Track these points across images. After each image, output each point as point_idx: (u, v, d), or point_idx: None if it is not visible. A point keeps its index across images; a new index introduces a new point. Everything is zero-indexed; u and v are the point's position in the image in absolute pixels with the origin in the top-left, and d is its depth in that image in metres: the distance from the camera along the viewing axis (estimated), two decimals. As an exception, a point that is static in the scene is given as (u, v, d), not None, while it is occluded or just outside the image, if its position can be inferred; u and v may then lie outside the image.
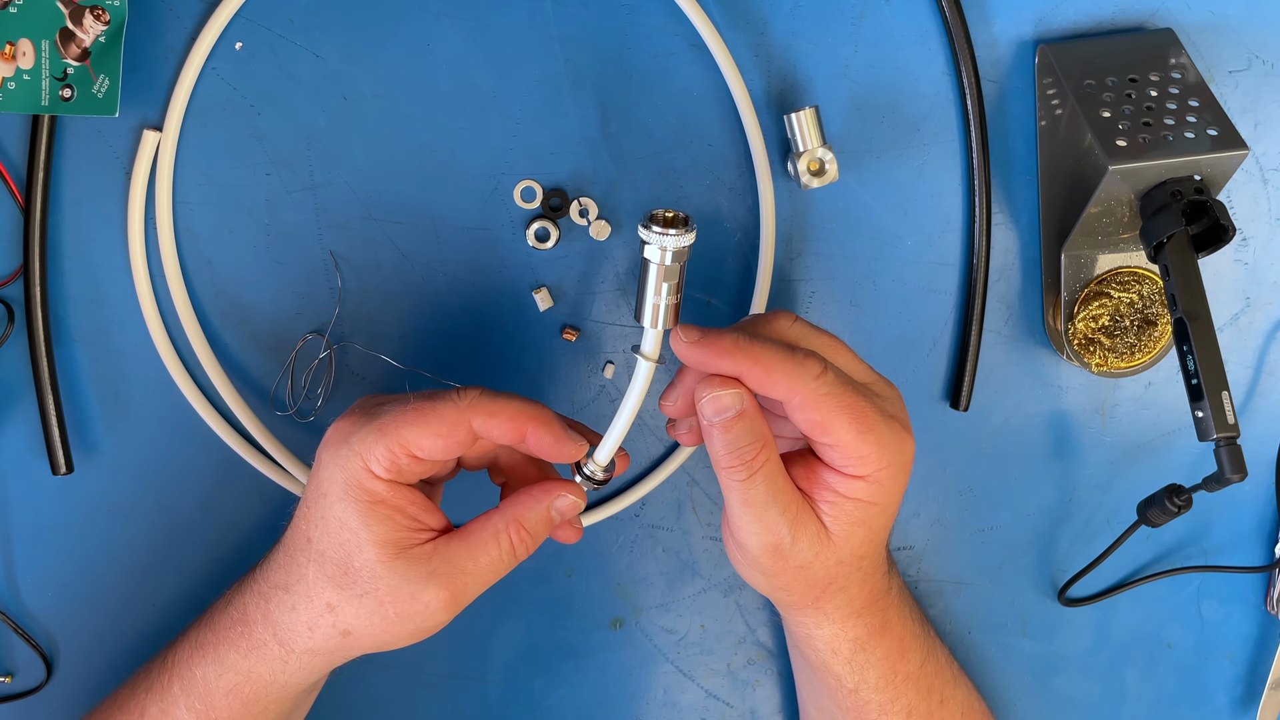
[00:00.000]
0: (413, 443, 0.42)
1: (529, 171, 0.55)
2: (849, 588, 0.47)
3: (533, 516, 0.45)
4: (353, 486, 0.42)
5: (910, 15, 0.56)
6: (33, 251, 0.51)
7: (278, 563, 0.45)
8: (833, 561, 0.45)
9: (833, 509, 0.44)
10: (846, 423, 0.42)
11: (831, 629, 0.48)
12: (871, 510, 0.44)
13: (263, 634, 0.45)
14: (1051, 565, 0.62)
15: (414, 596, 0.43)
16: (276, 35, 0.53)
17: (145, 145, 0.51)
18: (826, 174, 0.54)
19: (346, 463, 0.42)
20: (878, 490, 0.44)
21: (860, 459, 0.43)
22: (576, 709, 0.60)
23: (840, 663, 0.49)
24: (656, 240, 0.41)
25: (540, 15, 0.54)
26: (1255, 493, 0.62)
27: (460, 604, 0.44)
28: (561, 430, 0.44)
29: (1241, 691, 0.65)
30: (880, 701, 0.51)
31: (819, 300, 0.58)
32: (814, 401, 0.42)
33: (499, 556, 0.44)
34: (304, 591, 0.43)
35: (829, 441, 0.43)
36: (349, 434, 0.43)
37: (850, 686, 0.50)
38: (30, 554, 0.55)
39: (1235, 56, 0.58)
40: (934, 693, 0.52)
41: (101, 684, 0.56)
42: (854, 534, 0.44)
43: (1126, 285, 0.57)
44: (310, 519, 0.43)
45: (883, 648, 0.50)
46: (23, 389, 0.53)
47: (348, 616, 0.43)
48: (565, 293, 0.56)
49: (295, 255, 0.54)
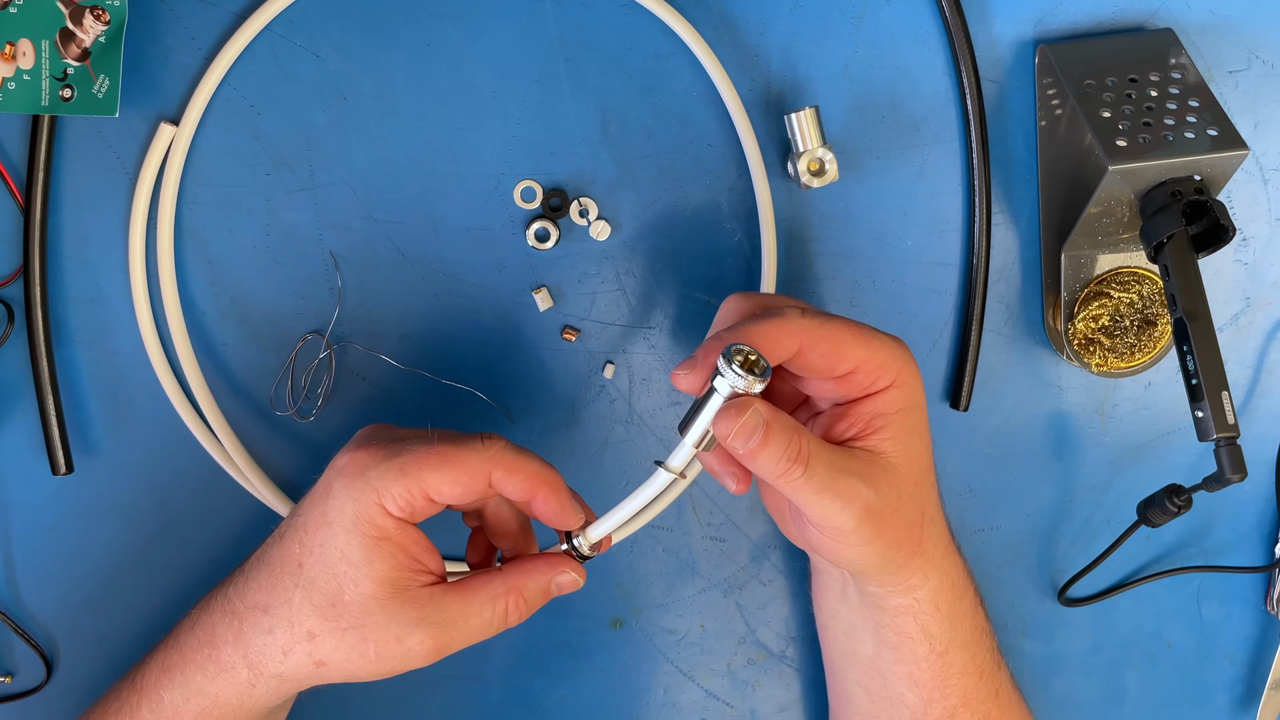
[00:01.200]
0: (433, 487, 0.42)
1: (529, 171, 0.55)
2: (937, 515, 0.48)
3: (533, 587, 0.45)
4: (362, 520, 0.42)
5: (910, 15, 0.56)
6: (33, 251, 0.51)
7: (258, 582, 0.44)
8: (911, 485, 0.45)
9: (885, 434, 0.44)
10: (852, 338, 0.44)
11: (937, 576, 0.48)
12: (914, 415, 0.45)
13: (231, 656, 0.44)
14: (1051, 565, 0.62)
15: (399, 639, 0.42)
16: (276, 35, 0.53)
17: (160, 138, 0.51)
18: (826, 174, 0.54)
19: (361, 496, 0.42)
20: (910, 391, 0.45)
21: (881, 366, 0.44)
22: (576, 709, 0.60)
23: (940, 620, 0.49)
24: (731, 379, 0.40)
25: (540, 15, 0.54)
26: (1255, 493, 0.62)
27: (442, 654, 0.43)
28: (569, 500, 0.44)
29: (1241, 691, 0.65)
30: (962, 661, 0.50)
31: (819, 300, 0.58)
32: (817, 335, 0.43)
33: (491, 620, 0.44)
34: (286, 616, 0.43)
35: (847, 367, 0.44)
36: (367, 467, 0.42)
37: (941, 648, 0.50)
38: (30, 554, 0.55)
39: (1235, 56, 0.58)
40: (995, 653, 0.53)
41: (101, 684, 0.55)
42: (912, 446, 0.45)
43: (1126, 285, 0.57)
44: (306, 545, 0.43)
45: (970, 592, 0.50)
46: (23, 389, 0.53)
47: (327, 648, 0.42)
48: (565, 293, 0.56)
49: (295, 255, 0.54)
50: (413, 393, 0.56)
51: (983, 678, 0.51)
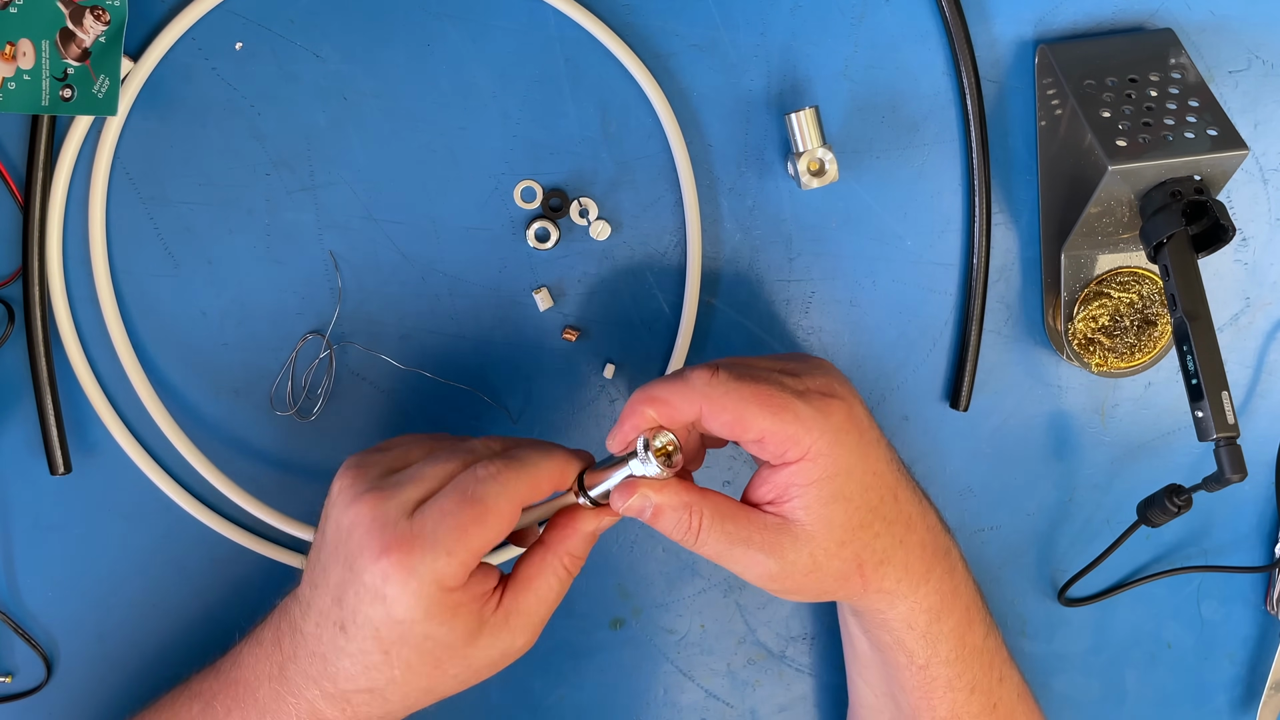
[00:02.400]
0: (481, 550, 0.42)
1: (529, 171, 0.55)
2: (891, 556, 0.47)
3: (577, 543, 0.46)
4: (434, 607, 0.42)
5: (910, 15, 0.56)
6: (31, 251, 0.51)
7: (349, 675, 0.44)
8: (834, 547, 0.45)
9: (798, 503, 0.44)
10: (757, 410, 0.43)
11: (906, 604, 0.48)
12: (834, 484, 0.44)
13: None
14: (1051, 565, 0.62)
15: (501, 652, 0.44)
16: (276, 35, 0.53)
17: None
18: (826, 174, 0.54)
19: (422, 590, 0.41)
20: (825, 463, 0.44)
21: (789, 439, 0.43)
22: (576, 709, 0.60)
23: (915, 637, 0.49)
24: (633, 466, 0.44)
25: (540, 15, 0.54)
26: (1255, 493, 0.62)
27: (537, 634, 0.46)
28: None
29: (1241, 691, 0.65)
30: (948, 676, 0.50)
31: (819, 300, 0.58)
32: (719, 404, 0.43)
33: (558, 586, 0.46)
34: (398, 696, 0.44)
35: (752, 437, 0.43)
36: (408, 556, 0.41)
37: (921, 662, 0.50)
38: (30, 554, 0.55)
39: (1235, 56, 0.58)
40: (994, 669, 0.52)
41: (101, 684, 0.56)
42: (832, 513, 0.44)
43: (1126, 285, 0.57)
44: (385, 639, 0.42)
45: (955, 616, 0.49)
46: (23, 389, 0.53)
47: (442, 691, 0.45)
48: (565, 293, 0.56)
49: (295, 255, 0.54)
50: (413, 393, 0.56)
51: (974, 693, 0.51)
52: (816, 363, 0.48)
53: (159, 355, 0.54)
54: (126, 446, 0.53)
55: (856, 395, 0.47)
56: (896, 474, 0.47)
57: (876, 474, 0.46)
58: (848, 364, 0.58)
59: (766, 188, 0.56)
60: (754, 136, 0.56)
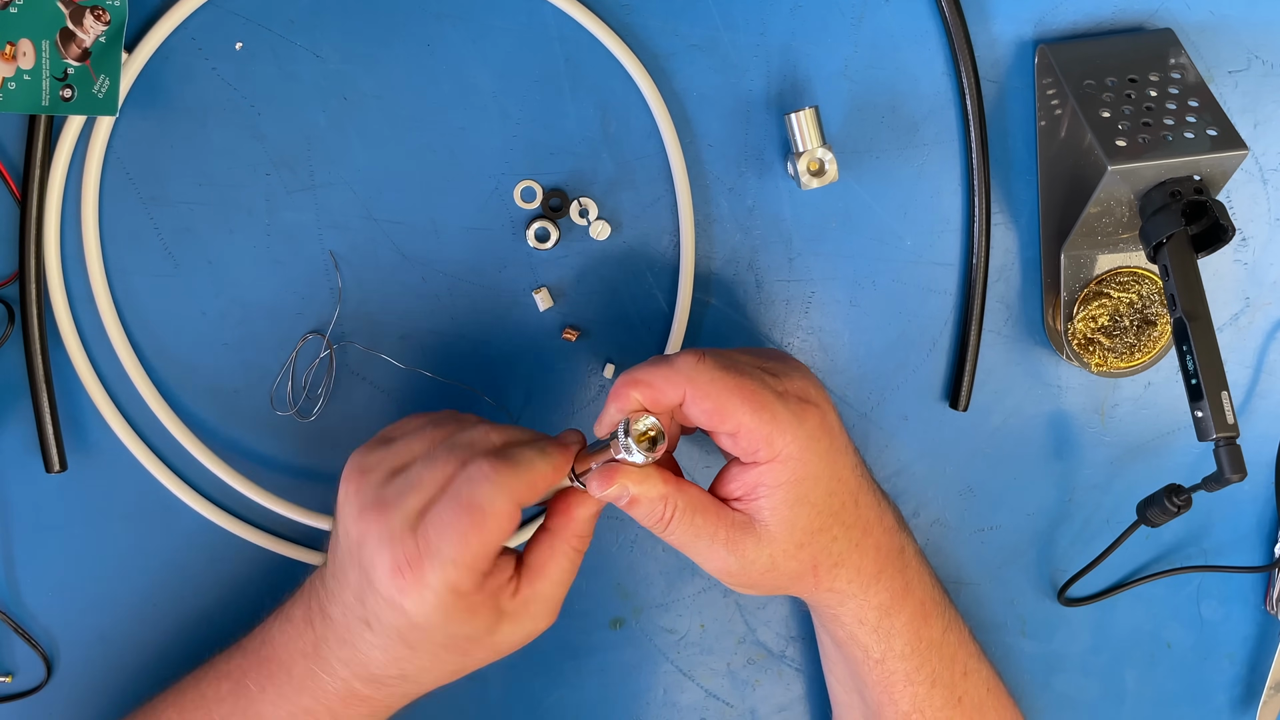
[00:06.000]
0: (486, 553, 0.43)
1: (529, 171, 0.55)
2: (845, 559, 0.47)
3: (583, 526, 0.47)
4: (452, 610, 0.42)
5: (910, 15, 0.56)
6: (29, 251, 0.51)
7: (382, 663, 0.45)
8: (792, 548, 0.46)
9: (763, 504, 0.45)
10: (739, 403, 0.43)
11: (855, 602, 0.49)
12: (800, 488, 0.45)
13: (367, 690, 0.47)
14: (1051, 565, 0.62)
15: (525, 633, 0.46)
16: (276, 35, 0.53)
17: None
18: (826, 174, 0.54)
19: (437, 599, 0.42)
20: (795, 467, 0.44)
21: (763, 439, 0.44)
22: (576, 709, 0.60)
23: (867, 632, 0.50)
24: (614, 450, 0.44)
25: (540, 15, 0.54)
26: (1255, 493, 0.62)
27: (558, 609, 0.47)
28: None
29: (1241, 691, 0.65)
30: (906, 670, 0.50)
31: (819, 300, 0.58)
32: (702, 389, 0.44)
33: (570, 565, 0.46)
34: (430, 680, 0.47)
35: (729, 429, 0.44)
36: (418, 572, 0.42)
37: (877, 656, 0.50)
38: (30, 554, 0.55)
39: (1235, 56, 0.58)
40: (957, 663, 0.52)
41: (101, 684, 0.56)
42: (796, 516, 0.45)
43: (1126, 285, 0.57)
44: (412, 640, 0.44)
45: (907, 611, 0.50)
46: (23, 389, 0.53)
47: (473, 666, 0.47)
48: (565, 293, 0.56)
49: (295, 255, 0.54)
50: (413, 393, 0.56)
51: (935, 686, 0.51)
52: (795, 364, 0.48)
53: (159, 355, 0.54)
54: (128, 442, 0.53)
55: (830, 402, 0.47)
56: (859, 479, 0.48)
57: (841, 480, 0.46)
58: (848, 364, 0.58)
59: (766, 188, 0.56)
60: (754, 136, 0.56)
